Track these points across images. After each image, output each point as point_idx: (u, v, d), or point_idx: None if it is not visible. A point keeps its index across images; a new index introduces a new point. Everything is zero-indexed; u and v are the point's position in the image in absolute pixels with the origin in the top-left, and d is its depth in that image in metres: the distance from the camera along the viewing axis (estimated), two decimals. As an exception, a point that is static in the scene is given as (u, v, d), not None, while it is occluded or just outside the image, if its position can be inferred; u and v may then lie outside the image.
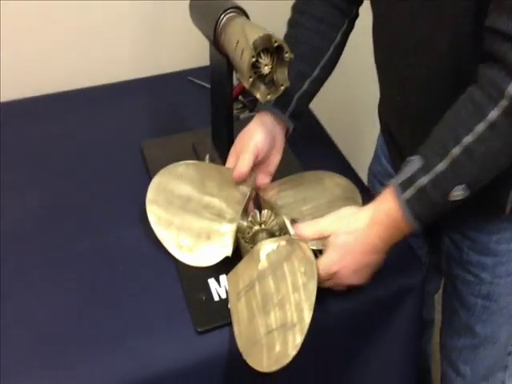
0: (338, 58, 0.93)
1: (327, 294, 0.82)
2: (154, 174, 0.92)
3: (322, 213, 0.88)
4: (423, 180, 0.70)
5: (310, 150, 1.06)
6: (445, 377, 1.06)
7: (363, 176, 1.10)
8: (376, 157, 1.11)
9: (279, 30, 0.84)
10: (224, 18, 0.80)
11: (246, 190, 0.87)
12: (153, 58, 1.27)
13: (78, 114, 1.13)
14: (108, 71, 1.22)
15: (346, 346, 0.88)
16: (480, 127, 0.67)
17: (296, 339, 0.70)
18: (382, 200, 0.75)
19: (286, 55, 0.74)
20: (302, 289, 0.74)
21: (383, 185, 0.80)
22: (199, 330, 0.78)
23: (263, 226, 0.84)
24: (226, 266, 0.84)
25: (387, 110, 0.97)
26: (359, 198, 0.92)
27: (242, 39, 0.74)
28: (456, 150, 0.68)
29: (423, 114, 0.82)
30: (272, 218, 0.85)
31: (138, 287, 0.84)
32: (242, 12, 0.81)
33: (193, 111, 1.14)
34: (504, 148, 0.68)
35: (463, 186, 0.69)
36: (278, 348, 0.71)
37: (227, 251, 0.84)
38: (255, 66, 0.74)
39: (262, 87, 0.76)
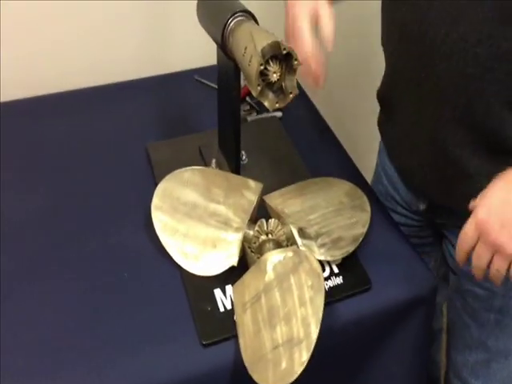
0: None
1: (336, 306, 0.81)
2: (159, 177, 0.91)
3: (329, 221, 0.87)
4: None
5: (317, 153, 1.04)
6: None
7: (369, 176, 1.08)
8: (377, 175, 1.09)
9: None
10: (232, 22, 0.78)
11: (252, 197, 0.86)
12: (159, 57, 1.24)
13: (83, 114, 1.11)
14: (113, 70, 1.20)
15: (354, 357, 0.87)
16: None
17: (302, 356, 0.69)
18: None
19: (295, 63, 0.72)
20: (309, 303, 0.73)
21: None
22: (204, 342, 0.76)
23: (270, 236, 0.82)
24: (232, 275, 0.83)
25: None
26: (367, 206, 0.90)
27: (250, 45, 0.72)
28: None
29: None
30: (279, 227, 0.83)
31: (142, 295, 0.83)
32: (251, 16, 0.79)
33: (200, 111, 1.12)
34: None
35: None
36: (284, 365, 0.69)
37: (233, 260, 0.83)
38: (263, 74, 0.72)
39: (271, 95, 0.74)
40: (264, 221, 0.84)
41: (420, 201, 0.96)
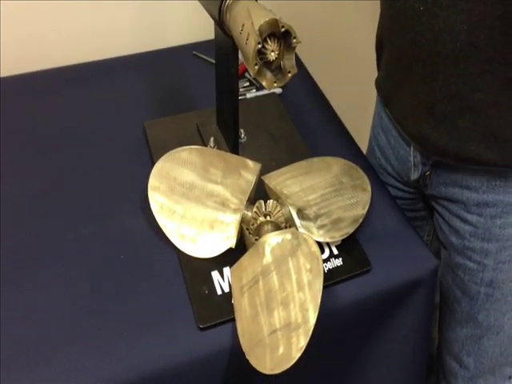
0: None
1: (335, 288, 0.79)
2: (157, 156, 0.89)
3: (329, 202, 0.85)
4: None
5: (317, 131, 1.02)
6: (448, 369, 1.04)
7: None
8: (370, 149, 1.07)
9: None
10: None
11: (250, 177, 0.84)
12: (155, 32, 1.21)
13: (77, 90, 1.09)
14: (109, 44, 1.17)
15: (354, 339, 0.86)
16: None
17: (300, 342, 0.68)
18: None
19: (294, 41, 0.69)
20: (307, 288, 0.71)
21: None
22: (201, 326, 0.76)
23: (268, 218, 0.81)
24: (229, 257, 0.81)
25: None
26: (368, 186, 0.88)
27: (247, 23, 0.69)
28: None
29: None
30: (278, 208, 0.81)
31: (139, 278, 0.81)
32: None
33: (198, 88, 1.09)
34: None
35: None
36: (281, 350, 0.68)
37: (231, 242, 0.81)
38: (261, 52, 0.69)
39: (269, 74, 0.71)
40: (262, 202, 0.82)
41: (413, 165, 0.94)
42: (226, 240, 0.82)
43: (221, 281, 0.81)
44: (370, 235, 0.86)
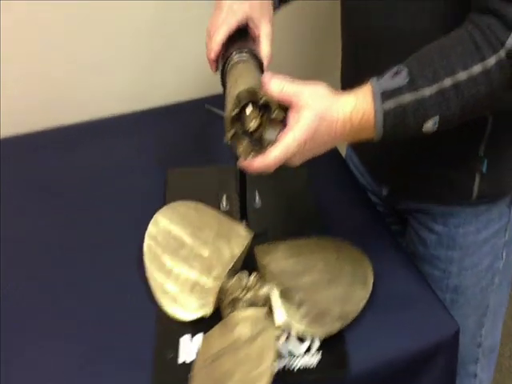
0: None
1: (355, 351, 0.74)
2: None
3: (320, 289, 0.79)
4: (407, 97, 0.67)
5: (341, 205, 0.97)
6: None
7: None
8: (347, 160, 1.10)
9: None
10: (235, 58, 0.73)
11: (236, 249, 0.80)
12: (168, 86, 1.22)
13: (97, 145, 1.10)
14: (123, 101, 1.19)
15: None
16: (476, 69, 0.66)
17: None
18: (362, 98, 0.68)
19: (274, 114, 0.65)
20: (259, 378, 0.65)
21: None
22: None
23: (246, 294, 0.75)
24: (204, 325, 0.77)
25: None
26: (370, 279, 0.80)
27: (233, 86, 0.67)
28: (447, 82, 0.67)
29: None
30: (258, 285, 0.75)
31: (115, 328, 0.79)
32: (255, 57, 0.74)
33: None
34: (485, 98, 0.68)
35: (436, 119, 0.68)
36: None
37: (206, 311, 0.77)
38: (240, 119, 0.66)
39: (246, 142, 0.67)
40: (245, 275, 0.77)
41: (382, 186, 0.98)
42: (202, 307, 0.78)
43: (187, 348, 0.76)
44: (385, 297, 0.81)
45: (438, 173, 0.88)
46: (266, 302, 0.75)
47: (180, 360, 0.75)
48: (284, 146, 0.65)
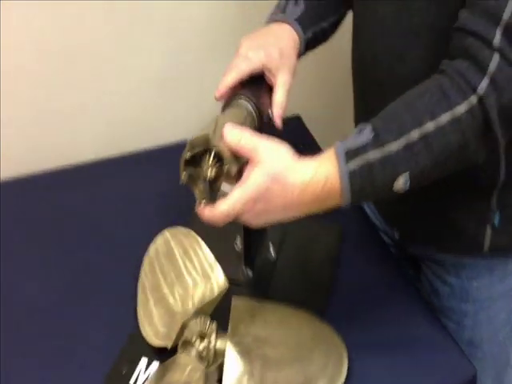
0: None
1: None
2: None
3: (281, 369, 0.75)
4: (372, 154, 0.63)
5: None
6: None
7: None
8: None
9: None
10: (232, 102, 0.73)
11: (207, 294, 0.78)
12: (175, 125, 1.20)
13: (97, 187, 1.09)
14: (130, 140, 1.17)
15: None
16: (444, 117, 0.62)
17: None
18: (325, 162, 0.64)
19: (226, 167, 0.63)
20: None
21: None
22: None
23: (200, 341, 0.74)
24: (166, 354, 0.77)
25: None
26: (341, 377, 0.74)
27: (205, 129, 0.66)
28: (414, 134, 0.62)
29: None
30: (214, 337, 0.74)
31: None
32: (254, 107, 0.72)
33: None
34: (459, 150, 0.63)
35: (407, 176, 0.63)
36: None
37: (167, 343, 0.78)
38: (197, 163, 0.65)
39: (201, 187, 0.66)
40: (205, 321, 0.75)
41: (394, 229, 0.97)
42: (167, 337, 0.78)
43: (142, 371, 0.78)
44: (401, 340, 0.82)
45: (447, 222, 0.85)
46: (218, 359, 0.74)
47: (131, 380, 0.77)
48: (231, 202, 0.63)
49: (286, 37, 0.79)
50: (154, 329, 0.81)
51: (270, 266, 0.90)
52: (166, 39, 1.13)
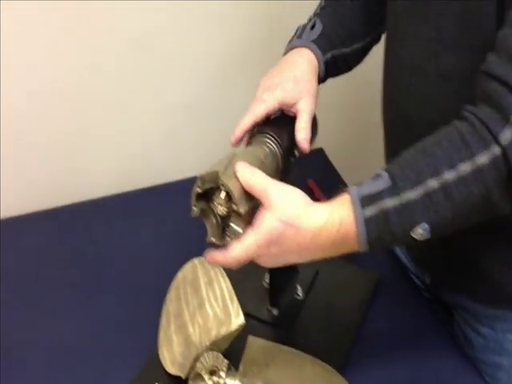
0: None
1: None
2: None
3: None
4: (389, 202, 0.60)
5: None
6: None
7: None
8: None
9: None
10: (252, 139, 0.72)
11: (223, 330, 0.76)
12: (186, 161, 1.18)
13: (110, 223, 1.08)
14: (139, 176, 1.17)
15: None
16: (465, 167, 0.59)
17: None
18: (338, 207, 0.62)
19: (234, 207, 0.62)
20: None
21: None
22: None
23: (209, 376, 0.73)
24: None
25: None
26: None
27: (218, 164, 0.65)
28: (433, 183, 0.60)
29: None
30: (224, 374, 0.73)
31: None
32: (276, 143, 0.71)
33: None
34: (482, 201, 0.60)
35: (425, 225, 0.60)
36: None
37: (183, 373, 0.77)
38: (209, 199, 0.64)
39: (214, 221, 0.65)
40: (216, 355, 0.74)
41: (425, 274, 0.94)
42: (180, 367, 0.78)
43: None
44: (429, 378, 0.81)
45: (480, 272, 0.81)
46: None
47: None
48: (244, 246, 0.62)
49: (301, 62, 0.77)
50: (172, 356, 0.81)
51: (298, 306, 0.88)
52: (180, 77, 1.14)
